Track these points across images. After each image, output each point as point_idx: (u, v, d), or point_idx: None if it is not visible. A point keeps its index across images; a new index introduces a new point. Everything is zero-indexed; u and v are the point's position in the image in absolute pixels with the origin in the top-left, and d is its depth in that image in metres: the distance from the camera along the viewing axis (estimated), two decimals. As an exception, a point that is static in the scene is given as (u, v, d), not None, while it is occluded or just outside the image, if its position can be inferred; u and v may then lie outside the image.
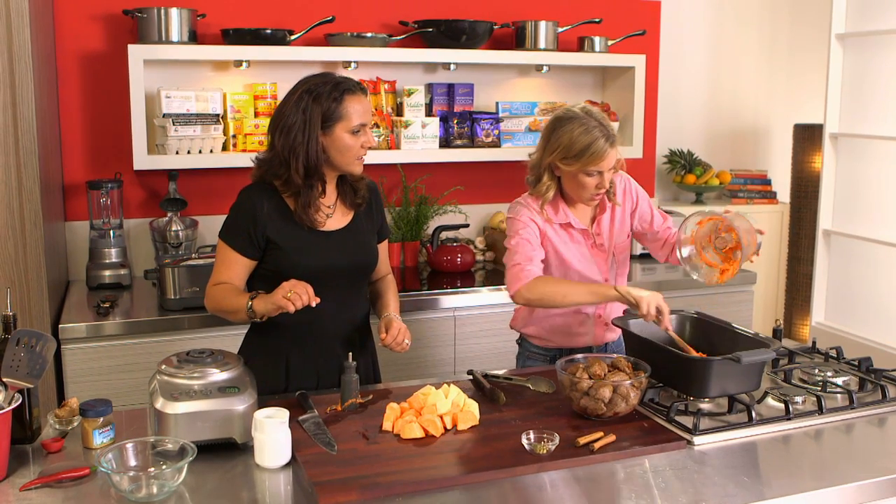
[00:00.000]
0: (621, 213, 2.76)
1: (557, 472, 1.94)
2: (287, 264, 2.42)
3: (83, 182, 3.75)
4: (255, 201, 2.43)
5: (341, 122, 2.38)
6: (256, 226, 2.41)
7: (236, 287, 2.44)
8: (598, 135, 2.51)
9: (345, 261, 2.50)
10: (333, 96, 2.37)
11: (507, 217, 2.73)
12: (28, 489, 1.85)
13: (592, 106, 2.69)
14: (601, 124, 2.54)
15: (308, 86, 2.39)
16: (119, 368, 3.21)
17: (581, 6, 4.45)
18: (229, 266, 2.45)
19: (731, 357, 2.17)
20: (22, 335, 1.99)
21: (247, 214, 2.42)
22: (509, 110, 4.27)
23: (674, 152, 4.86)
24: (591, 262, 2.72)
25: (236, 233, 2.44)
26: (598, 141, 2.51)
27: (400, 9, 4.13)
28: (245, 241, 2.43)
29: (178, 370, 2.06)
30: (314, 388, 2.47)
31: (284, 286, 2.27)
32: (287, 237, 2.43)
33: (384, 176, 4.15)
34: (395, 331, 2.49)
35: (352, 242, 2.52)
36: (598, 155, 2.52)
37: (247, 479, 1.92)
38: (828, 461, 2.08)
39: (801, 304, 4.90)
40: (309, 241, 2.45)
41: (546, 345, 2.83)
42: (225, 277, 2.45)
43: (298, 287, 2.26)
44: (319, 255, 2.45)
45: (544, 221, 2.67)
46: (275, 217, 2.42)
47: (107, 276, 3.65)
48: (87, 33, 3.74)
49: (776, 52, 5.13)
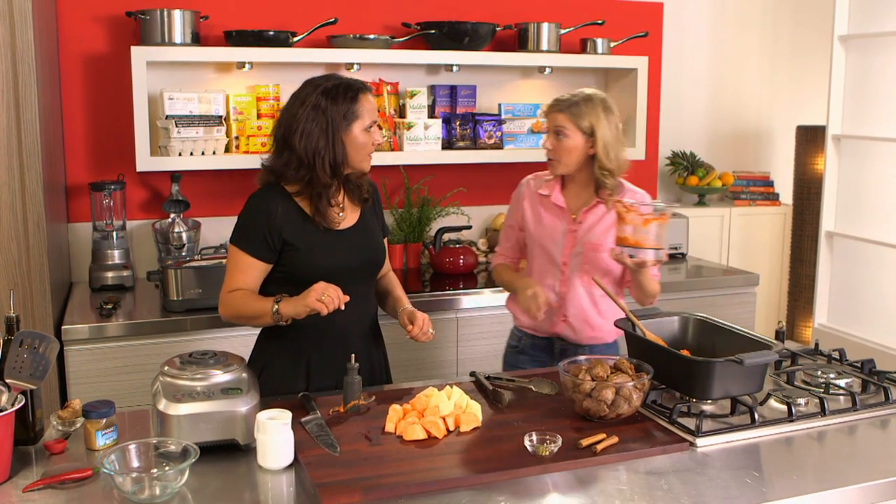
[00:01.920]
0: (612, 220, 2.75)
1: (560, 474, 1.94)
2: (303, 265, 2.44)
3: (86, 183, 3.75)
4: (269, 205, 2.44)
5: (357, 120, 2.42)
6: (272, 229, 2.42)
7: (252, 292, 2.45)
8: (558, 100, 2.78)
9: (358, 259, 2.53)
10: (349, 96, 2.41)
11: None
12: (31, 490, 1.85)
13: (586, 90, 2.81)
14: (573, 95, 2.76)
15: (322, 87, 2.42)
16: (122, 370, 3.21)
17: (583, 8, 4.45)
18: (244, 272, 2.45)
19: (734, 359, 2.16)
20: (25, 336, 2.00)
21: (262, 218, 2.43)
22: (512, 112, 4.27)
23: (676, 154, 4.86)
24: (559, 244, 2.81)
25: (251, 237, 2.44)
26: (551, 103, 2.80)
27: (402, 10, 4.13)
28: (261, 245, 2.43)
29: (181, 372, 2.06)
30: (334, 387, 2.47)
31: (316, 289, 2.30)
32: (303, 238, 2.44)
33: (387, 177, 4.15)
34: (421, 320, 2.53)
35: (363, 240, 2.55)
36: (547, 112, 2.81)
37: (249, 480, 1.92)
38: (831, 463, 2.08)
39: (803, 306, 4.89)
40: (323, 241, 2.47)
41: (518, 324, 2.99)
42: (240, 283, 2.45)
43: (330, 290, 2.30)
44: (334, 254, 2.47)
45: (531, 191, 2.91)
46: (290, 219, 2.44)
47: (110, 278, 3.65)
48: (91, 35, 3.75)
49: (779, 53, 5.13)
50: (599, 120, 2.71)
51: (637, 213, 2.56)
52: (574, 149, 2.73)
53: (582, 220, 2.80)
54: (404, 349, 3.59)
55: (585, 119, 2.70)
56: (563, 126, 2.72)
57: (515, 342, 3.01)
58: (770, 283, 4.92)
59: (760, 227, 4.90)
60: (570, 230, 2.81)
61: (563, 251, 2.81)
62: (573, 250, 2.80)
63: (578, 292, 2.82)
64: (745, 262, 4.77)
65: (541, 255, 2.86)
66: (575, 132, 2.72)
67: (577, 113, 2.71)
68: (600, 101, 2.74)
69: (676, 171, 4.87)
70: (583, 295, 2.82)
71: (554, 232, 2.82)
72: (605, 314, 2.83)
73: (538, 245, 2.86)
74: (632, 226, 2.56)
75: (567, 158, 2.75)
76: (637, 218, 2.55)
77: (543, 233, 2.84)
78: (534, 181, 2.93)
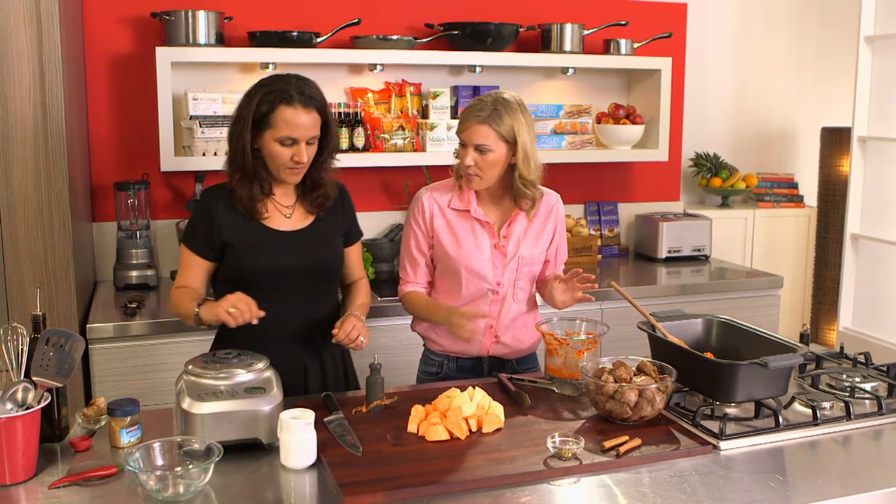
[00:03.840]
0: (539, 228, 2.70)
1: (583, 476, 1.94)
2: (245, 265, 2.42)
3: (111, 183, 3.78)
4: (210, 204, 2.44)
5: (269, 129, 2.36)
6: (212, 228, 2.42)
7: (194, 291, 2.43)
8: (471, 108, 2.56)
9: (304, 261, 2.47)
10: (267, 101, 2.35)
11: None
12: (56, 487, 1.86)
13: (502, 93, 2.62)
14: (486, 101, 2.55)
15: (257, 84, 2.40)
16: (146, 368, 3.23)
17: (607, 8, 4.44)
18: (190, 269, 2.46)
19: (758, 361, 2.15)
20: (51, 335, 2.01)
21: (204, 217, 2.44)
22: (535, 113, 4.26)
23: (700, 155, 4.83)
24: (487, 263, 2.64)
25: (195, 236, 2.45)
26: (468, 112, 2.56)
27: (426, 11, 4.14)
28: (202, 244, 2.44)
29: (205, 370, 2.06)
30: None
31: (229, 299, 2.25)
32: (243, 238, 2.42)
33: (409, 178, 4.15)
34: (349, 326, 2.39)
35: (312, 243, 2.49)
36: (462, 123, 2.57)
37: (272, 479, 1.93)
38: (856, 467, 2.06)
39: (828, 309, 4.85)
40: (266, 241, 2.43)
41: (437, 349, 2.77)
42: (186, 281, 2.46)
43: (241, 303, 2.24)
44: (277, 255, 2.43)
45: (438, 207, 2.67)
46: (231, 219, 2.42)
47: (134, 277, 3.68)
48: (116, 36, 3.77)
49: (804, 54, 5.09)
50: (521, 126, 2.52)
51: (569, 346, 2.46)
52: (498, 161, 2.54)
53: (507, 235, 2.65)
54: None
55: (507, 127, 2.51)
56: (485, 141, 2.51)
57: (436, 368, 2.78)
58: (794, 286, 4.89)
59: (784, 230, 4.87)
60: (496, 245, 2.65)
61: (493, 271, 2.64)
62: (505, 268, 2.66)
63: (511, 310, 2.70)
64: (768, 265, 4.74)
65: (469, 278, 2.64)
66: (498, 143, 2.52)
67: (499, 122, 2.50)
68: (517, 103, 2.55)
69: (700, 173, 4.84)
70: (514, 311, 2.71)
71: (479, 251, 2.63)
72: (529, 325, 2.74)
73: (463, 267, 2.63)
74: (563, 359, 2.46)
75: (490, 172, 2.55)
76: (570, 350, 2.45)
77: (467, 254, 2.63)
78: (438, 194, 2.67)
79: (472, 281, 2.65)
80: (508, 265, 2.66)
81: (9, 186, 2.98)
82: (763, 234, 4.79)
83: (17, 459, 1.86)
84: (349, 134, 3.86)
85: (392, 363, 3.31)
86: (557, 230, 2.76)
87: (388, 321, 3.51)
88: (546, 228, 2.73)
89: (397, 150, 3.97)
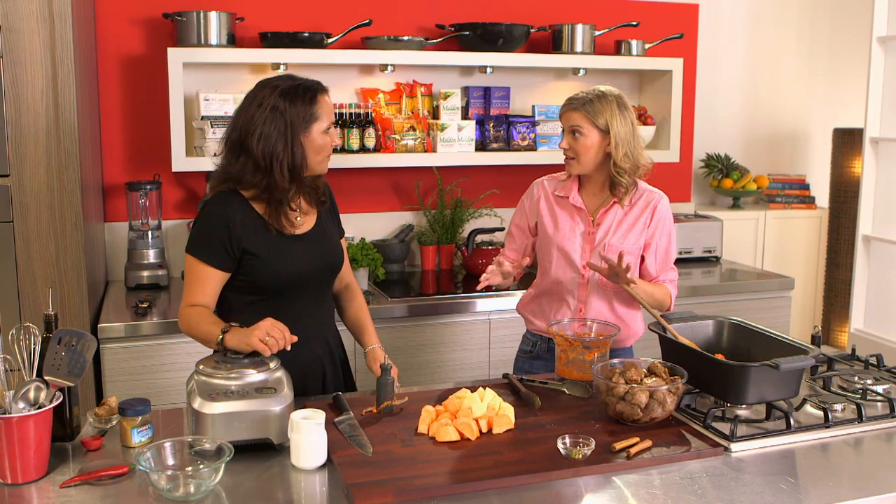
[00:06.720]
0: (632, 221, 2.75)
1: (593, 478, 1.93)
2: (263, 273, 2.38)
3: (122, 183, 3.79)
4: (226, 212, 2.36)
5: (317, 122, 2.37)
6: (232, 238, 2.34)
7: (209, 312, 2.35)
8: (570, 98, 2.76)
9: (317, 263, 2.47)
10: (308, 97, 2.36)
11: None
12: (68, 486, 1.87)
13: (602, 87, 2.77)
14: (584, 92, 2.75)
15: (280, 89, 2.36)
16: (157, 368, 3.24)
17: (618, 9, 4.43)
18: (203, 282, 2.36)
19: (770, 363, 2.15)
20: (63, 334, 2.02)
21: (220, 226, 2.35)
22: (545, 113, 4.26)
23: (711, 156, 4.82)
24: (577, 247, 2.77)
25: (210, 247, 2.35)
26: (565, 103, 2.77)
27: (437, 12, 4.14)
28: (220, 254, 2.35)
29: (216, 370, 2.07)
30: (301, 393, 2.41)
31: (262, 327, 2.16)
32: (262, 246, 2.38)
33: (420, 179, 4.16)
34: (390, 362, 2.37)
35: (322, 243, 2.50)
36: (561, 110, 2.78)
37: (283, 479, 1.93)
38: (867, 470, 2.05)
39: (839, 311, 4.84)
40: (282, 247, 2.40)
41: (533, 329, 2.94)
42: (199, 296, 2.36)
43: (274, 331, 2.15)
44: (294, 260, 2.41)
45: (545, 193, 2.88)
46: (248, 227, 2.37)
47: (145, 277, 3.69)
48: (128, 36, 3.79)
49: (816, 55, 5.07)
50: (614, 116, 2.67)
51: (580, 346, 2.47)
52: (591, 146, 2.69)
53: (600, 222, 2.77)
54: (437, 350, 3.61)
55: (601, 116, 2.67)
56: (579, 125, 2.69)
57: (530, 347, 2.95)
58: (805, 288, 4.87)
59: (796, 231, 4.85)
60: (589, 232, 2.78)
61: (581, 254, 2.78)
62: (592, 253, 2.76)
63: (600, 297, 2.78)
64: (780, 266, 4.73)
65: (559, 259, 2.80)
66: (591, 130, 2.68)
67: (592, 110, 2.67)
68: (615, 97, 2.71)
69: (711, 174, 4.83)
70: (601, 298, 2.78)
71: (572, 234, 2.79)
72: (623, 318, 2.79)
73: (556, 248, 2.80)
74: (574, 358, 2.47)
75: (585, 157, 2.71)
76: (582, 351, 2.46)
77: (562, 236, 2.80)
78: (548, 182, 2.90)
79: (562, 261, 2.80)
80: (595, 251, 2.75)
81: (21, 186, 2.99)
82: (774, 236, 4.78)
83: (29, 458, 1.87)
84: (360, 134, 3.86)
85: (402, 364, 3.32)
86: (657, 229, 2.78)
87: (398, 322, 3.51)
88: (639, 222, 2.76)
89: (408, 151, 3.97)
